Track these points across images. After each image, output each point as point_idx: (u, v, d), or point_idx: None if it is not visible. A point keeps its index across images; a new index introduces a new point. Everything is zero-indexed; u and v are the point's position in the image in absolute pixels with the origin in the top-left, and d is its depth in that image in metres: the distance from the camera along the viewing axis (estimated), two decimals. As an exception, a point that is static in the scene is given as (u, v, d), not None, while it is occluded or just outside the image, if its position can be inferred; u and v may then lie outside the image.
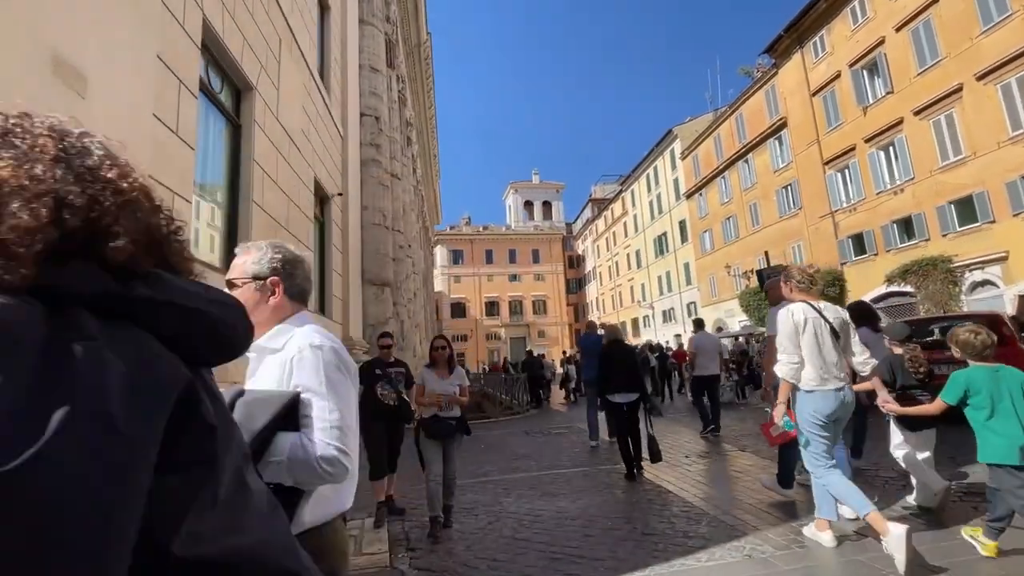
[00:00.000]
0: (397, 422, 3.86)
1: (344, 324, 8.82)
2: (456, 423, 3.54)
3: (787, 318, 3.01)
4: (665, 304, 39.15)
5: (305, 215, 6.82)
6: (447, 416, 3.50)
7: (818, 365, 2.89)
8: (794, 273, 3.12)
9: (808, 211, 23.27)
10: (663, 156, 38.15)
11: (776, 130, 25.07)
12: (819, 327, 2.96)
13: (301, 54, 6.92)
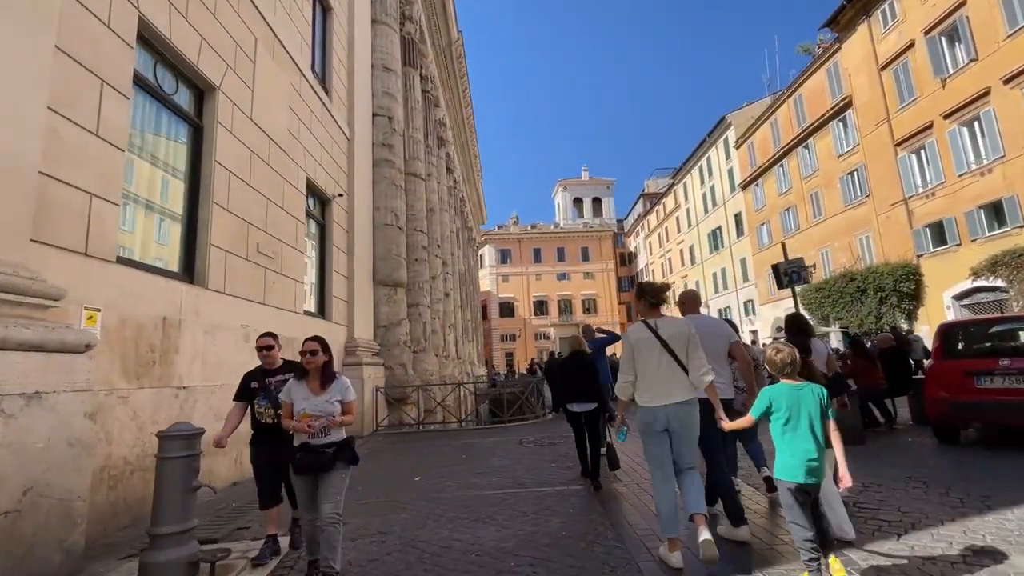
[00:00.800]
0: (281, 442, 2.97)
1: (349, 326, 8.76)
2: (335, 451, 2.76)
3: (625, 338, 3.10)
4: (720, 302, 37.01)
5: (292, 216, 6.74)
6: (320, 444, 2.74)
7: (647, 382, 2.91)
8: (644, 290, 3.11)
9: (877, 198, 21.00)
10: (716, 146, 36.05)
11: (840, 111, 22.84)
12: (649, 346, 2.94)
13: (288, 54, 6.86)
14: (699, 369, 2.88)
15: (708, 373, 2.89)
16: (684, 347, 2.93)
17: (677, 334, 2.94)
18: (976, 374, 4.80)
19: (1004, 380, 4.61)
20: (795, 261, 6.69)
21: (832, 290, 22.72)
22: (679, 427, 2.86)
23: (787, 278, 6.64)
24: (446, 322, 19.26)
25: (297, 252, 6.86)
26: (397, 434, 8.59)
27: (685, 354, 2.92)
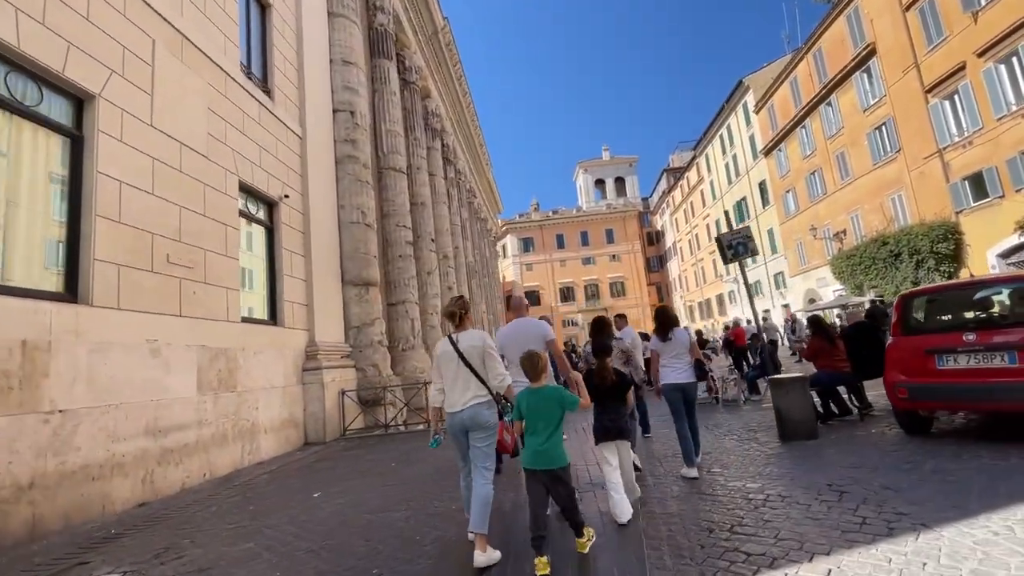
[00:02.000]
0: None
1: (309, 330, 8.58)
2: None
3: (433, 351, 3.54)
4: (750, 276, 35.24)
5: (220, 223, 6.54)
6: None
7: (448, 391, 3.27)
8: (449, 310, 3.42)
9: (909, 153, 19.21)
10: (736, 112, 34.12)
11: (862, 61, 20.98)
12: (449, 358, 3.26)
13: (205, 56, 6.61)
14: (496, 377, 3.23)
15: (505, 379, 3.25)
16: (480, 358, 3.23)
17: (472, 347, 3.24)
18: (938, 352, 4.01)
19: (969, 359, 3.82)
20: (740, 231, 5.91)
21: (864, 256, 21.12)
22: (473, 428, 3.17)
23: (731, 251, 5.87)
24: (450, 316, 18.99)
25: (229, 259, 6.66)
26: (363, 438, 8.37)
27: (481, 364, 3.22)
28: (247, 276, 7.50)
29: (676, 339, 4.67)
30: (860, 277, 21.67)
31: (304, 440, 8.08)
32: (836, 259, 23.43)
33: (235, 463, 6.30)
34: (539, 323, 4.23)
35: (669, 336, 4.67)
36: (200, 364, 5.89)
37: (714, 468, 4.27)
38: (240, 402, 6.55)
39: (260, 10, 8.59)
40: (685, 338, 4.68)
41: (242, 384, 6.64)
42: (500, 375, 3.27)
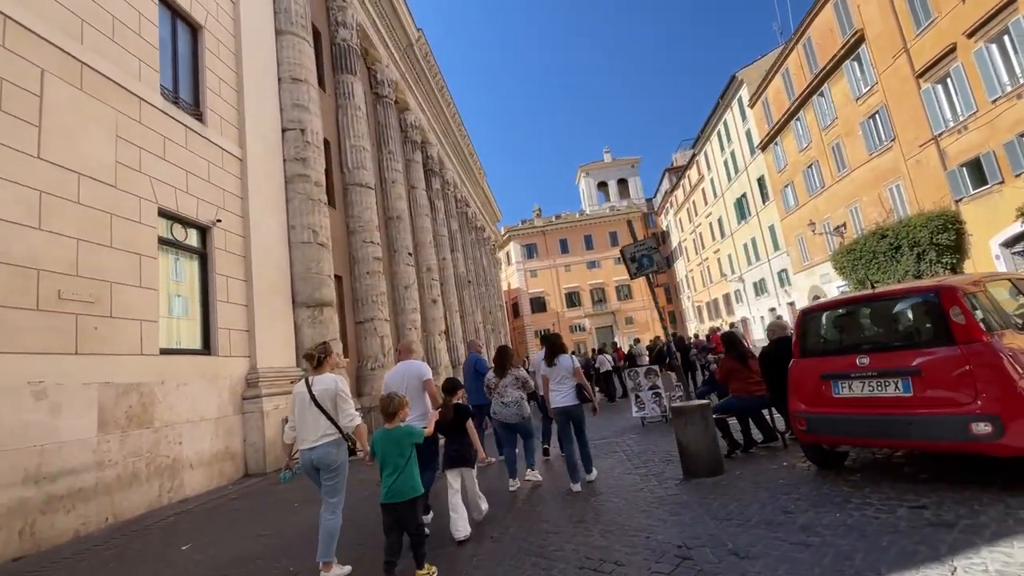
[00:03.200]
0: None
1: (251, 356, 8.33)
2: None
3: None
4: (755, 275, 34.39)
5: (131, 253, 6.33)
6: None
7: (299, 430, 3.55)
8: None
9: (904, 141, 18.42)
10: (731, 107, 33.43)
11: (852, 48, 20.27)
12: (303, 400, 3.54)
13: (113, 82, 6.43)
14: (346, 417, 3.55)
15: (354, 419, 3.56)
16: (332, 401, 3.55)
17: (324, 391, 3.56)
18: (833, 378, 3.53)
19: (864, 386, 3.34)
20: (644, 242, 5.41)
21: (864, 250, 20.27)
22: (321, 466, 3.47)
23: (635, 265, 5.39)
24: (435, 329, 18.75)
25: (144, 290, 6.44)
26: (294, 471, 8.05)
27: (333, 406, 3.53)
28: (174, 305, 7.28)
29: (560, 364, 5.09)
30: (862, 272, 20.81)
31: (244, 472, 7.81)
32: (837, 254, 22.56)
33: (150, 503, 6.03)
34: (419, 365, 4.82)
35: (555, 362, 5.12)
36: (103, 403, 5.65)
37: (587, 515, 3.88)
38: (158, 438, 6.29)
39: (191, 32, 8.44)
40: (569, 364, 5.08)
41: (161, 419, 6.39)
42: (350, 415, 3.60)
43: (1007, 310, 3.37)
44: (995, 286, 3.45)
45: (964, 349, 2.97)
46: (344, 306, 12.52)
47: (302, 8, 11.26)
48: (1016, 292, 3.55)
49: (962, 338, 3.00)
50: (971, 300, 3.10)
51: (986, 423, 2.80)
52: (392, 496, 3.21)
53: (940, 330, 3.12)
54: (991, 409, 2.82)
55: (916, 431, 3.07)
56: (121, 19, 6.79)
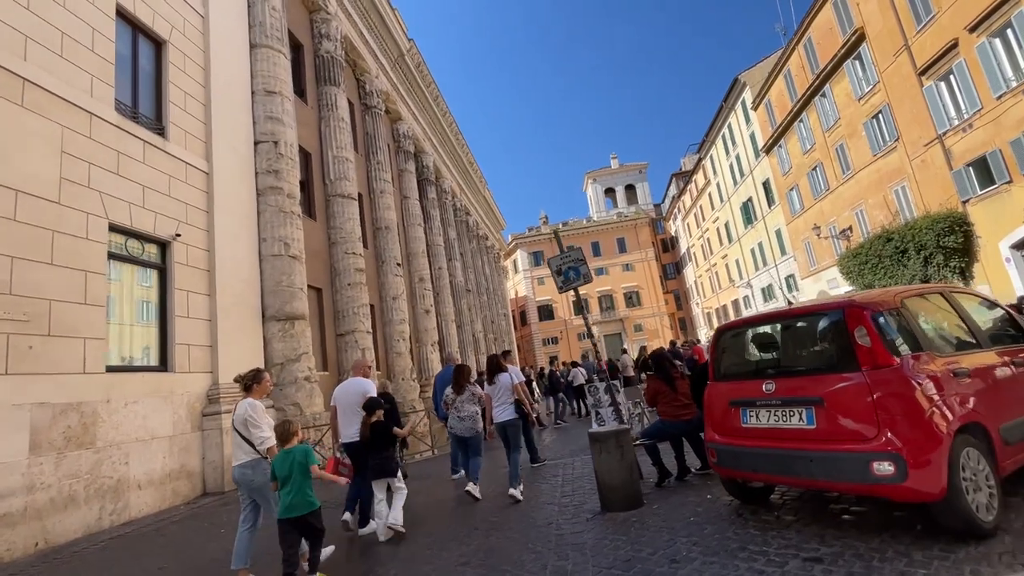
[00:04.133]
0: None
1: (212, 372, 8.20)
2: None
3: None
4: (762, 280, 33.61)
5: (75, 270, 6.23)
6: None
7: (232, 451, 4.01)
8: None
9: (908, 140, 17.80)
10: (735, 111, 32.90)
11: (852, 47, 19.74)
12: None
13: (60, 98, 6.39)
14: (257, 442, 3.91)
15: (265, 442, 3.88)
16: (243, 426, 3.96)
17: (238, 416, 4.00)
18: (741, 405, 3.18)
19: (769, 416, 2.98)
20: (571, 253, 5.09)
21: (869, 254, 19.58)
22: (241, 484, 3.91)
23: (561, 278, 5.07)
24: (427, 340, 18.56)
25: (89, 307, 6.34)
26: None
27: (246, 430, 3.95)
28: (127, 321, 7.18)
29: (500, 383, 5.57)
30: (868, 277, 20.11)
31: (202, 490, 7.65)
32: (843, 258, 21.87)
33: (88, 527, 5.87)
34: (365, 382, 5.32)
35: (495, 380, 5.59)
36: (36, 424, 5.53)
37: (474, 558, 3.60)
38: (100, 459, 6.15)
39: (155, 47, 8.43)
40: (507, 381, 5.53)
41: (105, 439, 6.25)
42: (259, 439, 3.93)
43: (933, 329, 3.00)
44: (919, 302, 3.08)
45: (868, 376, 2.61)
46: (324, 318, 12.40)
47: (277, 21, 11.25)
48: (951, 307, 3.17)
49: (867, 363, 2.65)
50: (883, 319, 2.75)
51: (888, 462, 2.44)
52: (288, 511, 3.47)
53: (845, 354, 2.76)
54: (893, 446, 2.46)
55: (818, 469, 2.71)
56: (72, 35, 6.76)
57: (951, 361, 2.78)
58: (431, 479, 7.49)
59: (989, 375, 2.93)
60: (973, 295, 3.51)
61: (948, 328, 3.11)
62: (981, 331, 3.17)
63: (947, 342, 3.02)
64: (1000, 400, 2.87)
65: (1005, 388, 2.96)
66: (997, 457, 2.72)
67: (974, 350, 3.05)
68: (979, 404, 2.67)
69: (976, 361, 2.93)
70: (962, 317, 3.09)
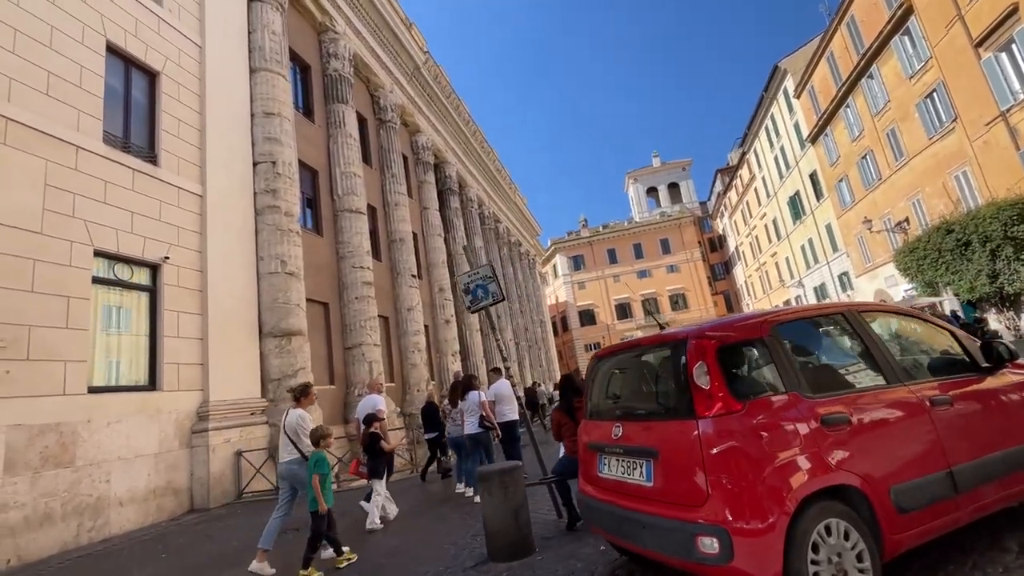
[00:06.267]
0: None
1: (203, 390, 8.41)
2: None
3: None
4: (815, 279, 31.31)
5: (57, 296, 6.55)
6: None
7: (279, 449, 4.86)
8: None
9: (967, 120, 15.95)
10: (777, 100, 30.98)
11: (900, 22, 18.00)
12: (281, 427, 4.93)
13: (42, 133, 6.76)
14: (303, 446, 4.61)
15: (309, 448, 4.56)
16: (294, 432, 4.69)
17: (288, 423, 4.78)
18: (597, 450, 2.66)
19: (617, 465, 2.45)
20: (479, 271, 4.62)
21: (928, 248, 17.69)
22: (288, 478, 4.65)
23: (469, 297, 4.63)
24: (447, 350, 18.53)
25: (71, 331, 6.64)
26: (255, 503, 7.96)
27: (296, 435, 4.67)
28: (115, 342, 7.49)
29: (470, 399, 6.72)
30: (928, 273, 18.15)
31: (190, 507, 7.83)
32: (899, 253, 19.90)
33: (64, 543, 6.10)
34: (374, 398, 7.17)
35: (466, 397, 6.78)
36: (12, 444, 5.80)
37: None
38: (78, 477, 6.40)
39: (148, 78, 8.83)
40: (476, 398, 6.65)
41: (84, 457, 6.50)
42: (306, 444, 4.65)
43: (814, 363, 2.41)
44: (801, 328, 2.46)
45: (703, 425, 2.10)
46: (331, 332, 12.56)
47: (277, 44, 11.58)
48: (853, 332, 2.49)
49: (704, 409, 2.12)
50: (735, 353, 2.22)
51: (713, 538, 1.93)
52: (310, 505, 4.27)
53: (683, 396, 2.25)
54: (717, 518, 1.95)
55: (649, 538, 2.19)
56: (59, 74, 7.16)
57: (828, 404, 2.20)
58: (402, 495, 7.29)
59: (887, 420, 2.31)
60: (910, 315, 2.82)
61: (841, 360, 2.51)
62: (891, 363, 2.51)
63: (833, 379, 2.42)
64: (899, 452, 2.25)
65: (910, 436, 2.31)
66: (883, 531, 2.10)
67: (874, 388, 2.42)
68: (859, 459, 2.09)
69: (869, 403, 2.32)
70: (867, 345, 2.47)
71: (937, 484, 2.21)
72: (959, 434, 2.34)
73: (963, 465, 2.28)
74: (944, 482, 2.22)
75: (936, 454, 2.27)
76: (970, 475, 2.28)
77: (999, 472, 2.37)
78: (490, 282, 4.72)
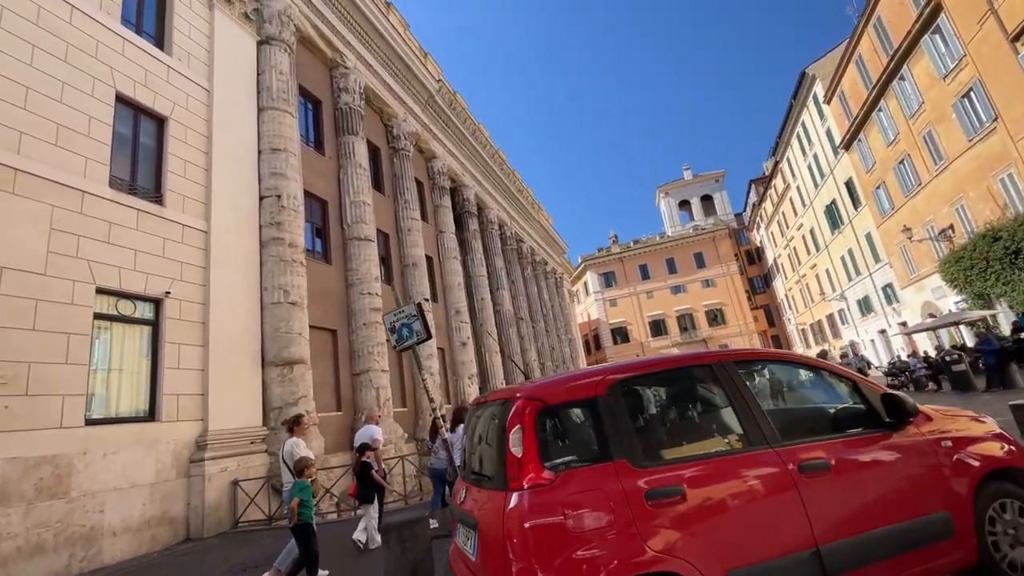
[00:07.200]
0: None
1: (203, 420, 8.65)
2: None
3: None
4: (857, 291, 29.58)
5: (57, 333, 6.92)
6: None
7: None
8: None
9: (1009, 119, 14.81)
10: (807, 107, 29.88)
11: (929, 20, 17.06)
12: None
13: (49, 180, 7.25)
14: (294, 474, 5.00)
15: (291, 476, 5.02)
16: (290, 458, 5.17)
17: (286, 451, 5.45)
18: (453, 513, 2.43)
19: (460, 533, 2.20)
20: (404, 310, 4.46)
21: (975, 257, 16.41)
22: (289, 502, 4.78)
23: (395, 336, 4.46)
24: (464, 373, 18.49)
25: (70, 367, 6.99)
26: (248, 532, 8.05)
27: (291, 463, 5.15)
28: (114, 376, 7.82)
29: (459, 431, 6.57)
30: (978, 284, 16.80)
31: (186, 536, 7.99)
32: (945, 263, 18.54)
33: (55, 573, 6.32)
34: (371, 428, 7.37)
35: (455, 429, 6.87)
36: (7, 477, 6.10)
37: None
38: (72, 508, 6.65)
39: (156, 123, 9.37)
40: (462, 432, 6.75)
41: (79, 488, 6.76)
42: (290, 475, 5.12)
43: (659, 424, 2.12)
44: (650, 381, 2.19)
45: (510, 498, 1.84)
46: (339, 358, 12.75)
47: (284, 84, 12.11)
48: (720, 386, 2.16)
49: (512, 480, 1.89)
50: (565, 413, 1.99)
51: None
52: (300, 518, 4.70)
53: (501, 463, 2.02)
54: None
55: None
56: (68, 125, 7.70)
57: (661, 474, 1.92)
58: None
59: (735, 490, 2.01)
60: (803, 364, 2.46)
61: (695, 421, 2.21)
62: (757, 422, 2.17)
63: (677, 444, 2.12)
64: (745, 529, 1.94)
65: (764, 509, 2.00)
66: None
67: (728, 452, 2.12)
68: (690, 540, 1.79)
69: (713, 471, 2.02)
70: (732, 401, 2.16)
71: (797, 567, 1.89)
72: (835, 505, 2.01)
73: (836, 543, 1.95)
74: (807, 564, 1.90)
75: (798, 530, 1.95)
76: (845, 555, 1.94)
77: (886, 552, 2.01)
78: (414, 320, 4.63)
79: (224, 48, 11.01)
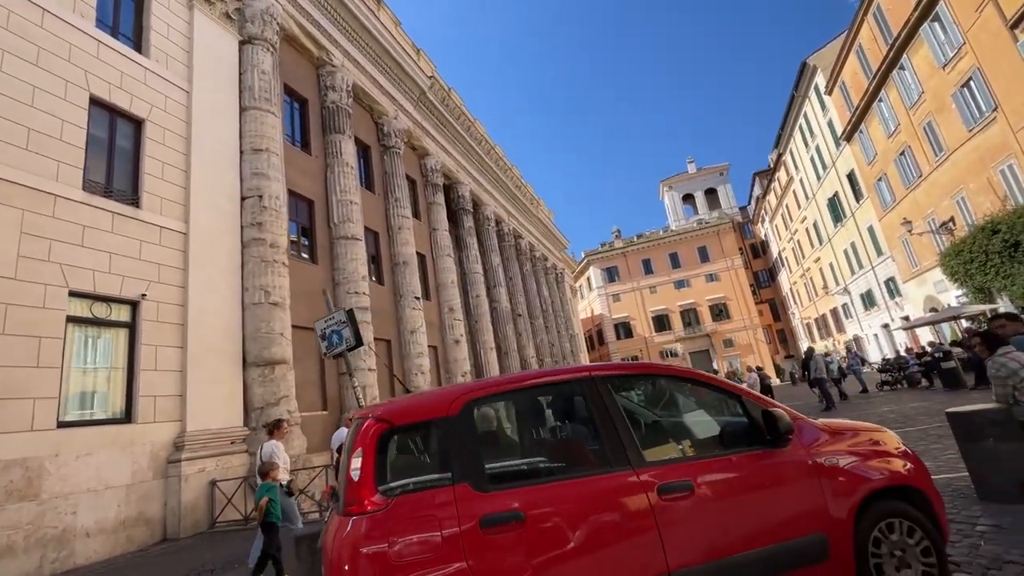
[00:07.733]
0: None
1: (181, 421, 8.70)
2: None
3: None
4: (860, 285, 29.17)
5: (28, 336, 6.97)
6: None
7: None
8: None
9: (1008, 109, 14.44)
10: (809, 98, 29.40)
11: (928, 8, 16.66)
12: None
13: (21, 186, 7.28)
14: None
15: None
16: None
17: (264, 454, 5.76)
18: None
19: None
20: (333, 316, 4.41)
21: (974, 250, 16.08)
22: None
23: (325, 343, 4.41)
24: (457, 371, 18.49)
25: (42, 370, 7.04)
26: (226, 532, 8.10)
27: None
28: (89, 378, 7.87)
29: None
30: (978, 278, 16.46)
31: (163, 536, 8.06)
32: (945, 256, 18.20)
33: (25, 574, 6.39)
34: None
35: None
36: (-25, 480, 6.16)
37: None
38: (44, 510, 6.71)
39: (133, 126, 9.38)
40: None
41: (51, 491, 6.83)
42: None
43: (515, 445, 2.03)
44: (509, 400, 2.10)
45: (348, 524, 1.78)
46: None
47: (267, 83, 12.08)
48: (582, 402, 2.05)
49: (348, 505, 1.81)
50: (412, 435, 1.90)
51: None
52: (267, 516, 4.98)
53: (342, 486, 1.92)
54: None
55: None
56: (40, 129, 7.73)
57: (502, 500, 1.83)
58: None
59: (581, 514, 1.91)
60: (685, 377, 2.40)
61: (558, 441, 2.12)
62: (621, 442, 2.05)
63: (527, 467, 2.02)
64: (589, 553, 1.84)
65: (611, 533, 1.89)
66: None
67: (581, 475, 2.03)
68: (527, 568, 1.72)
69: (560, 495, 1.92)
70: (596, 420, 2.04)
71: (644, 591, 1.82)
72: (694, 530, 1.93)
73: (689, 569, 1.87)
74: (657, 589, 1.83)
75: (651, 557, 1.87)
76: (702, 580, 1.87)
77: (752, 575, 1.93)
78: (344, 327, 4.61)
79: (204, 49, 10.99)
